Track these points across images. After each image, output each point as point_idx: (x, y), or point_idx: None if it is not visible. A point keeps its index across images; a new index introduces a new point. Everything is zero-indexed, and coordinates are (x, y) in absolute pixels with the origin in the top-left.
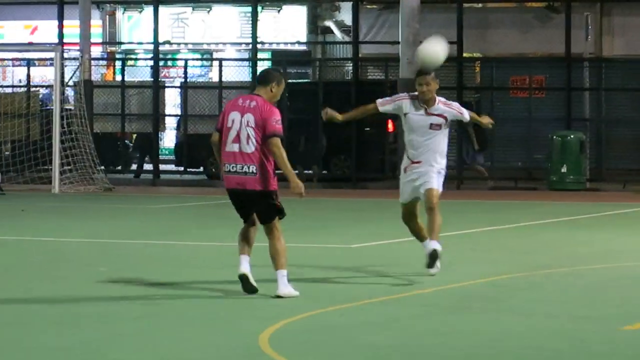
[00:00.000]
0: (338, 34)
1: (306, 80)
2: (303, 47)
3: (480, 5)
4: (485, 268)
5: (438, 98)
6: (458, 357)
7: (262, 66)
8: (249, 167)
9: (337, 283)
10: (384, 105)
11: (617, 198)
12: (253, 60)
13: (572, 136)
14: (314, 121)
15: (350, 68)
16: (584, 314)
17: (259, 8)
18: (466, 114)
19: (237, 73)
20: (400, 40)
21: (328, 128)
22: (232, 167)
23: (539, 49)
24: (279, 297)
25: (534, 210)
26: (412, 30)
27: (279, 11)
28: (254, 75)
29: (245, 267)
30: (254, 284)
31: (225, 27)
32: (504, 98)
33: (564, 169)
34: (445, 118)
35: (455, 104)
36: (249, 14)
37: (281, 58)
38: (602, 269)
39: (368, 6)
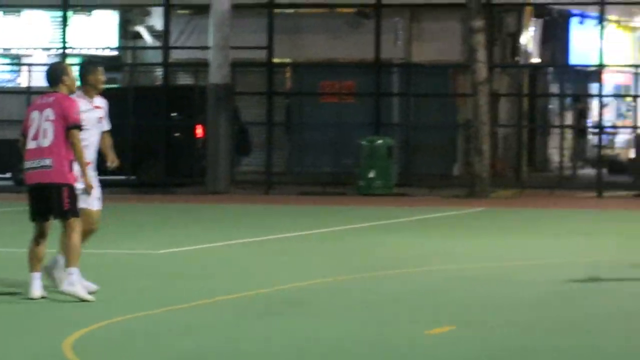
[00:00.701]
0: (149, 39)
1: (116, 85)
2: (114, 52)
3: (291, 10)
4: (295, 273)
5: None
6: None
7: None
8: (45, 161)
9: (143, 289)
10: None
11: (424, 202)
12: None
13: (380, 141)
14: (123, 127)
15: (161, 73)
16: (392, 318)
17: (70, 13)
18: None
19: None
20: (210, 45)
21: (137, 134)
22: (31, 163)
23: (349, 55)
24: (60, 292)
25: (343, 215)
26: (223, 35)
27: (89, 16)
28: None
29: (37, 289)
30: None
31: (35, 31)
32: (314, 103)
33: (372, 174)
34: None
35: None
36: (60, 19)
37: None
38: (411, 273)
39: (179, 11)
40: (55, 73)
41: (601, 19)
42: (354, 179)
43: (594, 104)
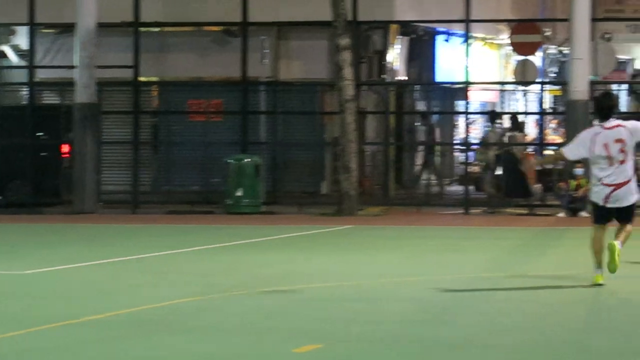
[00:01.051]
0: (14, 58)
1: None
2: None
3: (157, 29)
4: (163, 292)
5: None
6: None
7: None
8: None
9: (6, 310)
10: None
11: (292, 221)
12: None
13: (248, 160)
14: None
15: (26, 92)
16: (260, 337)
17: None
18: None
19: None
20: (76, 64)
21: (3, 153)
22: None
23: (216, 73)
24: None
25: (211, 233)
26: (88, 54)
27: None
28: None
29: None
30: None
31: None
32: (181, 122)
33: (240, 193)
34: None
35: None
36: None
37: None
38: (279, 291)
39: (44, 30)
40: None
41: (467, 37)
42: (222, 197)
43: (461, 121)
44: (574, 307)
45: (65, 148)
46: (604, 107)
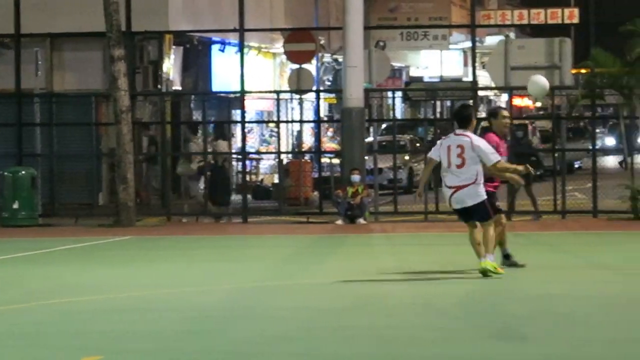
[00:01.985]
0: None
1: None
2: None
3: None
4: None
5: None
6: None
7: None
8: None
9: None
10: None
11: (70, 232)
12: None
13: (23, 172)
14: None
15: None
16: (37, 351)
17: None
18: None
19: None
20: None
21: None
22: None
23: None
24: None
25: None
26: None
27: None
28: None
29: None
30: None
31: None
32: None
33: (16, 205)
34: None
35: None
36: None
37: None
38: (56, 304)
39: None
40: None
41: (241, 46)
42: None
43: (238, 130)
44: (346, 314)
45: None
46: (458, 116)
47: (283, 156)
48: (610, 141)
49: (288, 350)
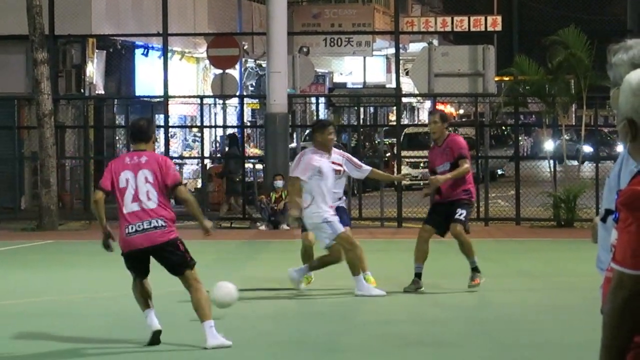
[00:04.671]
0: None
1: None
2: None
3: None
4: None
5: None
6: None
7: None
8: (157, 222)
9: None
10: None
11: None
12: None
13: None
14: None
15: None
16: None
17: None
18: None
19: None
20: None
21: None
22: (139, 226)
23: None
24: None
25: None
26: None
27: None
28: None
29: (156, 323)
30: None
31: None
32: None
33: None
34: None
35: None
36: None
37: None
38: None
39: None
40: (149, 128)
41: (165, 51)
42: None
43: (161, 134)
44: (267, 321)
45: None
46: None
47: (207, 161)
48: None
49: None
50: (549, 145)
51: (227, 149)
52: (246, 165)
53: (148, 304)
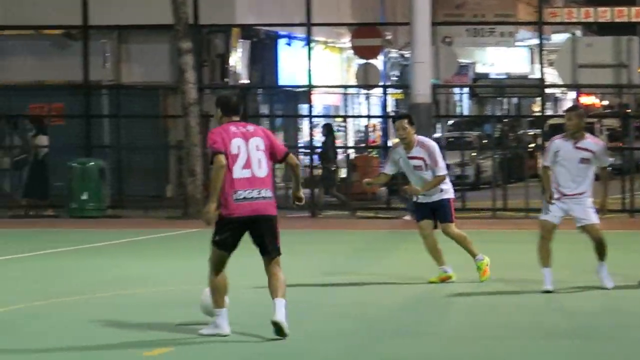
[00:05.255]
0: None
1: None
2: None
3: None
4: None
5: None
6: None
7: None
8: (266, 192)
9: None
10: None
11: (138, 224)
12: None
13: (92, 163)
14: None
15: None
16: (106, 342)
17: None
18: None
19: None
20: None
21: None
22: (248, 193)
23: (57, 76)
24: (276, 323)
25: (52, 238)
26: None
27: None
28: None
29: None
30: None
31: None
32: (23, 126)
33: (84, 196)
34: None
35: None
36: None
37: None
38: (122, 295)
39: None
40: (240, 103)
41: (308, 41)
42: (66, 201)
43: (305, 124)
44: (405, 312)
45: None
46: None
47: (350, 151)
48: None
49: (347, 346)
50: None
51: (324, 138)
52: None
53: (224, 302)
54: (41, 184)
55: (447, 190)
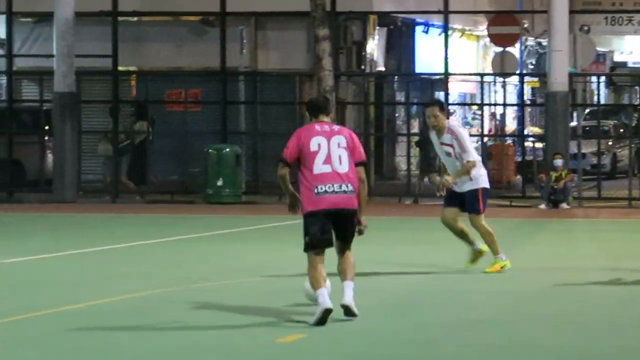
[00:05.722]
0: None
1: None
2: None
3: (134, 18)
4: (138, 283)
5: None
6: None
7: None
8: (347, 186)
9: None
10: None
11: (273, 211)
12: None
13: (228, 149)
14: None
15: (4, 82)
16: (239, 327)
17: None
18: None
19: None
20: (55, 53)
21: None
22: (329, 187)
23: (194, 63)
24: (345, 306)
25: (190, 223)
26: (67, 43)
27: None
28: None
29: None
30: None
31: None
32: (160, 111)
33: (220, 182)
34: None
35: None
36: None
37: None
38: (254, 282)
39: (22, 19)
40: (328, 103)
41: (445, 28)
42: (202, 187)
43: None
44: (542, 300)
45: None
46: None
47: (485, 139)
48: None
49: (487, 335)
50: None
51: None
52: (525, 144)
53: (324, 284)
54: (140, 169)
55: (478, 180)
